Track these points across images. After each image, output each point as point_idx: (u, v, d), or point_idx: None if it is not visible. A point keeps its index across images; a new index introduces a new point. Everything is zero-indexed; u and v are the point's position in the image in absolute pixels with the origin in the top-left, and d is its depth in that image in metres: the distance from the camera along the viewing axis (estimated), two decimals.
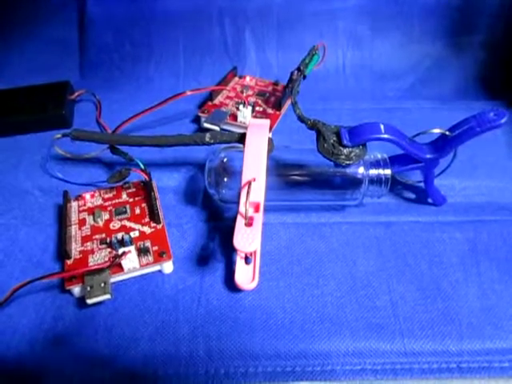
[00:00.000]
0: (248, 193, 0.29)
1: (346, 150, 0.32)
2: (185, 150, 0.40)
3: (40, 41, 0.50)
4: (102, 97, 0.47)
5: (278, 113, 0.43)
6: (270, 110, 0.43)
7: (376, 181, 0.34)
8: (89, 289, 0.29)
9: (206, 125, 0.40)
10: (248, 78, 0.48)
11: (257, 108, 0.44)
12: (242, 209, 0.29)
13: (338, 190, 0.35)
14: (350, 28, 0.50)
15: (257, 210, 0.30)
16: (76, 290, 0.30)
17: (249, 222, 0.28)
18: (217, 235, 0.34)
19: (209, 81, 0.49)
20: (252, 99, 0.45)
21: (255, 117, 0.42)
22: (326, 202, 0.36)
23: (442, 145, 0.33)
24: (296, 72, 0.39)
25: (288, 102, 0.45)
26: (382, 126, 0.32)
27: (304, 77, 0.39)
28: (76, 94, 0.46)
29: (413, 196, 0.38)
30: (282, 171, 0.36)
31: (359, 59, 0.51)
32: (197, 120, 0.45)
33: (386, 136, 0.32)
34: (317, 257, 0.33)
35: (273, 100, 0.45)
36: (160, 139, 0.35)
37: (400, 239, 0.34)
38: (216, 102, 0.44)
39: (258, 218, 0.29)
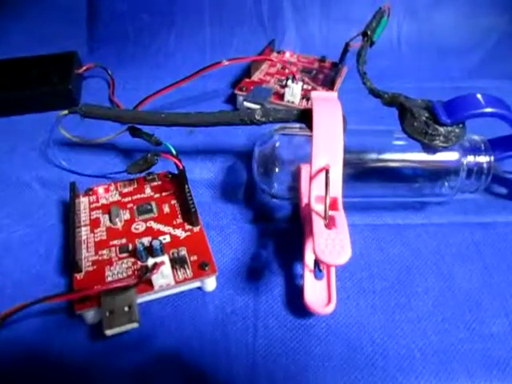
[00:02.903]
0: (327, 184, 0.21)
1: (443, 129, 0.24)
2: (220, 134, 0.32)
3: (42, 6, 0.42)
4: (115, 73, 0.40)
5: (330, 91, 0.35)
6: (320, 89, 0.36)
7: (476, 171, 0.26)
8: (108, 315, 0.21)
9: (247, 104, 0.33)
10: (288, 54, 0.41)
11: (304, 86, 0.36)
12: (315, 206, 0.22)
13: (423, 183, 0.28)
14: None
15: (335, 207, 0.22)
16: (90, 315, 0.22)
17: (330, 223, 0.21)
18: (269, 240, 0.27)
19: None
20: (299, 76, 0.37)
21: (304, 96, 0.35)
22: (405, 197, 0.29)
23: None
24: (362, 38, 0.31)
25: (340, 80, 0.37)
26: (486, 99, 0.25)
27: (371, 43, 0.31)
28: (84, 67, 0.38)
29: (504, 191, 0.31)
30: (346, 159, 0.28)
31: (417, 32, 0.43)
32: (232, 100, 0.37)
33: (497, 110, 0.24)
34: (403, 268, 0.25)
35: (321, 78, 0.38)
36: (196, 117, 0.27)
37: (506, 244, 0.27)
38: (255, 78, 0.37)
39: (341, 218, 0.21)
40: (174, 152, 0.27)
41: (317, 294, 0.22)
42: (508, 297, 0.24)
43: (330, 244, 0.19)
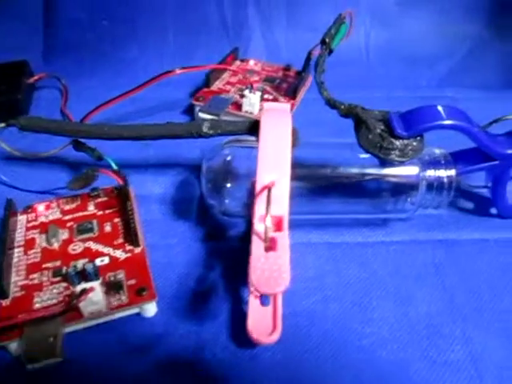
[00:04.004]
0: (268, 202, 0.20)
1: (399, 143, 0.23)
2: (175, 146, 0.31)
3: None
4: (72, 83, 0.38)
5: (292, 101, 0.34)
6: (282, 99, 0.34)
7: (436, 185, 0.25)
8: (26, 347, 0.19)
9: (202, 115, 0.31)
10: (252, 62, 0.39)
11: (266, 96, 0.35)
12: (258, 226, 0.20)
13: (382, 199, 0.26)
14: (374, 2, 0.42)
15: (279, 227, 0.21)
16: (13, 346, 0.20)
17: (270, 246, 0.19)
18: (218, 261, 0.25)
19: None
20: (259, 85, 0.36)
21: None
22: (365, 214, 0.27)
23: None
24: (321, 46, 0.30)
25: (304, 90, 0.36)
26: (446, 110, 0.23)
27: (330, 51, 0.30)
28: (36, 77, 0.36)
29: (471, 206, 0.29)
30: (303, 173, 0.27)
31: (385, 41, 0.42)
32: (190, 110, 0.35)
33: (456, 123, 0.23)
34: (360, 291, 0.24)
35: (285, 87, 0.36)
36: (142, 129, 0.25)
37: (468, 265, 0.25)
38: (214, 88, 0.35)
39: (284, 240, 0.19)
40: (114, 167, 0.25)
41: (261, 321, 0.20)
42: (469, 321, 0.22)
43: (268, 270, 0.18)
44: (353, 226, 0.27)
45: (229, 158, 0.25)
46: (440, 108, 0.23)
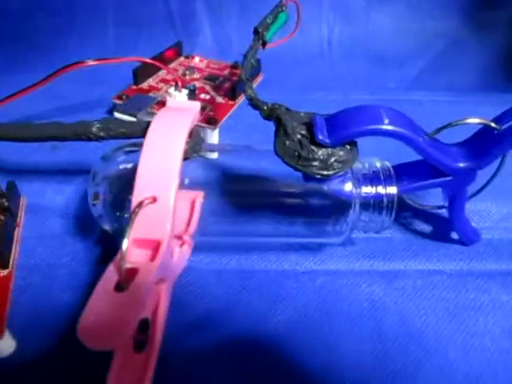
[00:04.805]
0: (131, 223, 0.15)
1: (322, 152, 0.19)
2: (85, 149, 0.27)
3: None
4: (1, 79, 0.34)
5: (231, 102, 0.30)
6: (220, 99, 0.30)
7: (373, 205, 0.20)
8: None
9: (118, 114, 0.27)
10: (197, 59, 0.35)
11: (202, 95, 0.30)
12: (118, 258, 0.15)
13: (313, 219, 0.22)
14: None
15: (154, 255, 0.16)
16: None
17: (125, 282, 0.15)
18: None
19: None
20: (197, 84, 0.32)
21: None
22: (293, 237, 0.23)
23: (484, 146, 0.20)
24: (254, 37, 0.26)
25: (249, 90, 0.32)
26: (383, 113, 0.19)
27: (264, 44, 0.26)
28: None
29: (428, 229, 0.25)
30: (224, 187, 0.22)
31: (350, 37, 0.38)
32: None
33: (391, 128, 0.18)
34: (275, 329, 0.19)
35: (227, 86, 0.32)
36: (20, 129, 0.21)
37: (412, 304, 0.20)
38: (144, 85, 0.31)
39: (147, 274, 0.15)
40: None
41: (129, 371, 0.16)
42: (400, 376, 0.18)
43: (106, 317, 0.13)
44: (279, 250, 0.23)
45: (123, 166, 0.21)
46: (375, 110, 0.19)
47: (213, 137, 0.27)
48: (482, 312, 0.20)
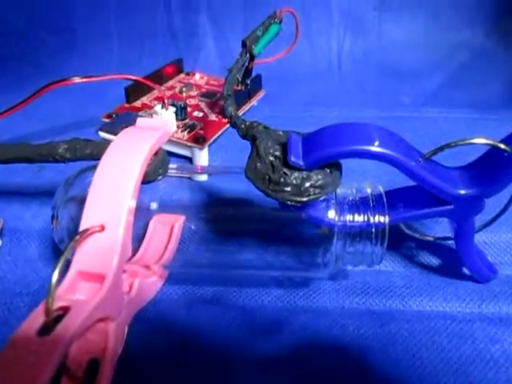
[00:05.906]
0: (65, 255, 0.14)
1: (295, 176, 0.16)
2: (68, 170, 0.26)
3: None
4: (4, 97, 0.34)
5: (224, 120, 0.28)
6: (213, 117, 0.29)
7: (361, 235, 0.18)
8: None
9: (102, 134, 0.26)
10: (198, 76, 0.34)
11: (195, 113, 0.29)
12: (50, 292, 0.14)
13: (294, 249, 0.19)
14: (349, 6, 0.35)
15: (94, 290, 0.14)
16: None
17: (53, 323, 0.13)
18: None
19: None
20: (192, 101, 0.30)
21: (185, 125, 0.27)
22: (276, 269, 0.20)
23: (491, 170, 0.17)
24: (242, 50, 0.24)
25: (247, 107, 0.30)
26: (366, 131, 0.16)
27: (252, 57, 0.24)
28: None
29: (435, 262, 0.22)
30: (202, 213, 0.21)
31: (361, 51, 0.36)
32: None
33: (373, 150, 0.16)
34: (248, 372, 0.17)
35: (223, 103, 0.30)
36: None
37: (407, 353, 0.17)
38: (137, 103, 0.30)
39: (76, 320, 0.13)
40: None
41: None
42: None
43: (19, 366, 0.11)
44: (261, 284, 0.20)
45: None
46: (357, 128, 0.17)
47: (201, 157, 0.26)
48: (491, 367, 0.17)
